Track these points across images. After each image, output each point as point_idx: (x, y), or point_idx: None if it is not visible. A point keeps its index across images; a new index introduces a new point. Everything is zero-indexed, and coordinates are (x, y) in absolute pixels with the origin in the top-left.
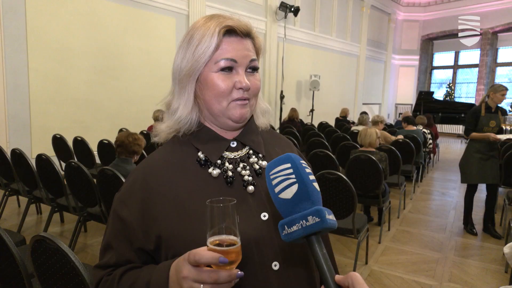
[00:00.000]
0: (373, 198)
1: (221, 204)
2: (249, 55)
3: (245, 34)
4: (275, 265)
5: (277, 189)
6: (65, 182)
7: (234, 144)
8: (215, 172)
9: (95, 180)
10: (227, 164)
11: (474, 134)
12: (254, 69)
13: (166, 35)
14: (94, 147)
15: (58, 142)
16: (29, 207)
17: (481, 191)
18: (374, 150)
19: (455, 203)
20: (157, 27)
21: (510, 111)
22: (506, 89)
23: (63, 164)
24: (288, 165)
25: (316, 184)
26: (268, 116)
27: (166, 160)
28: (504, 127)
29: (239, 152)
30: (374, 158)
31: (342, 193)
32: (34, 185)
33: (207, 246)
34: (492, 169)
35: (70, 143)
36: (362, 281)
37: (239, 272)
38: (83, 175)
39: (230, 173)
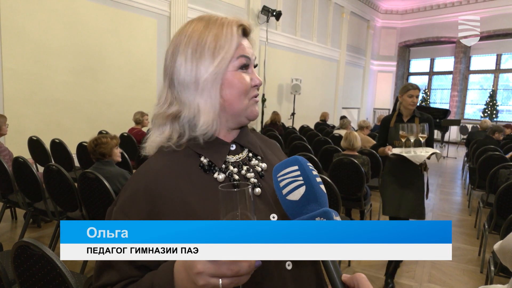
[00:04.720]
0: (355, 200)
1: (235, 189)
2: (254, 54)
3: (250, 33)
4: (289, 265)
5: (284, 191)
6: (44, 186)
7: (233, 147)
8: (221, 177)
9: (76, 184)
10: (231, 167)
11: (380, 149)
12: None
13: (147, 36)
14: (72, 150)
15: (34, 144)
16: (4, 212)
17: (456, 194)
18: (356, 154)
19: (432, 205)
20: (138, 28)
21: (482, 117)
22: (414, 89)
23: (40, 167)
24: (296, 167)
25: (322, 186)
26: None
27: (167, 166)
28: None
29: (240, 155)
30: (356, 161)
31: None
32: (9, 189)
33: None
34: (406, 198)
35: (47, 145)
36: (368, 282)
37: (258, 261)
38: (63, 179)
39: (236, 177)
